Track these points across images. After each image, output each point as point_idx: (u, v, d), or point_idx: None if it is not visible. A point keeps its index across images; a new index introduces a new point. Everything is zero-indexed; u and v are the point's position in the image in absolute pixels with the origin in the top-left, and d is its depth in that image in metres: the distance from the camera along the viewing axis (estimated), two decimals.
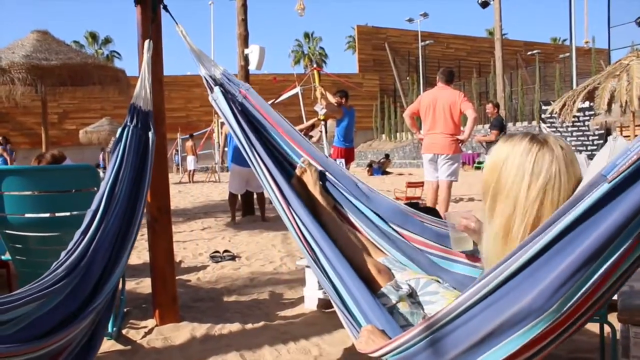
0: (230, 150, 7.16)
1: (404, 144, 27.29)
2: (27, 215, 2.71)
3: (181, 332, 2.77)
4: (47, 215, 2.74)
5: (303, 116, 10.72)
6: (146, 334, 2.78)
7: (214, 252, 4.87)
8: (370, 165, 20.03)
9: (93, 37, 45.32)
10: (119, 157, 2.31)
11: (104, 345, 2.54)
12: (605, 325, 2.08)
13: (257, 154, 2.19)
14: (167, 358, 2.50)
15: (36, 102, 9.57)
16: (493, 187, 1.36)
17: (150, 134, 2.48)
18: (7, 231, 2.65)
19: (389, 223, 2.04)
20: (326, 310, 3.05)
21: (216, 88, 2.39)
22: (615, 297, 1.36)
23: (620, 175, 1.02)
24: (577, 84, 14.50)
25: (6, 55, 6.84)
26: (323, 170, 2.19)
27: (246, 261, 4.66)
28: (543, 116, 18.56)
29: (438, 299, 1.75)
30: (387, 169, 19.96)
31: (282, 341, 2.62)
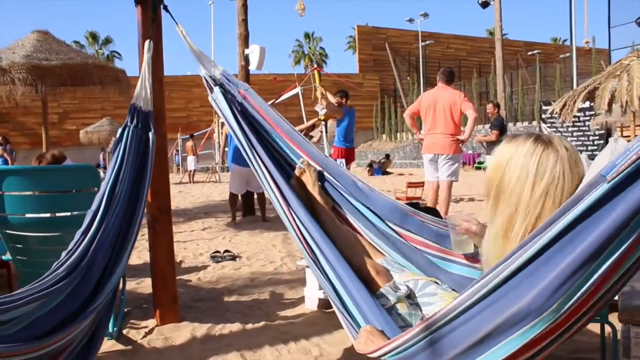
0: (230, 150, 7.16)
1: (405, 144, 27.29)
2: (28, 215, 2.71)
3: (182, 332, 2.77)
4: (48, 215, 2.74)
5: (303, 116, 10.72)
6: (147, 334, 2.78)
7: (215, 252, 4.87)
8: (370, 165, 20.03)
9: (93, 37, 45.35)
10: (120, 158, 2.31)
11: (105, 345, 2.54)
12: (606, 325, 2.08)
13: (257, 154, 2.19)
14: (168, 358, 2.50)
15: (36, 102, 9.58)
16: (496, 187, 1.36)
17: (150, 134, 2.48)
18: (8, 231, 2.65)
19: (388, 223, 2.04)
20: (326, 310, 3.05)
21: (216, 88, 2.39)
22: (616, 297, 1.36)
23: (619, 175, 1.02)
24: (578, 84, 14.50)
25: (6, 55, 6.85)
26: (322, 170, 2.19)
27: (247, 261, 4.66)
28: (543, 116, 18.57)
29: (436, 300, 1.75)
30: (388, 169, 19.95)
31: (283, 341, 2.62)
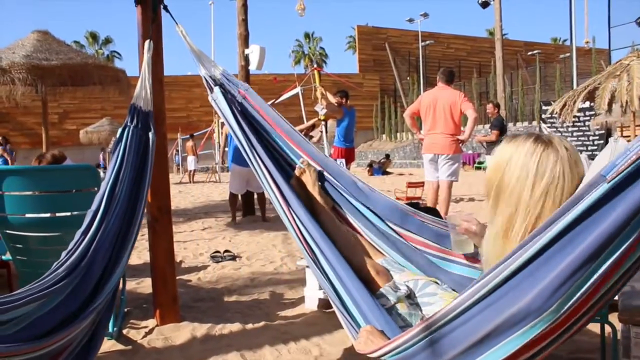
0: (230, 150, 7.16)
1: (405, 144, 27.30)
2: (28, 215, 2.71)
3: (182, 332, 2.77)
4: (48, 215, 2.74)
5: (303, 116, 10.72)
6: (147, 334, 2.78)
7: (215, 252, 4.87)
8: (370, 165, 20.03)
9: (93, 37, 45.35)
10: (120, 158, 2.31)
11: (105, 345, 2.54)
12: (606, 325, 2.08)
13: (257, 154, 2.19)
14: (168, 358, 2.50)
15: (36, 102, 9.58)
16: (496, 186, 1.36)
17: (150, 134, 2.48)
18: (8, 231, 2.65)
19: (388, 223, 2.03)
20: (327, 310, 3.05)
21: (216, 88, 2.39)
22: (616, 297, 1.36)
23: (619, 175, 1.02)
24: (578, 84, 14.50)
25: (7, 55, 6.85)
26: (322, 170, 2.19)
27: (247, 261, 4.66)
28: (543, 116, 18.56)
29: (436, 301, 1.75)
30: (388, 169, 19.95)
31: (283, 341, 2.62)
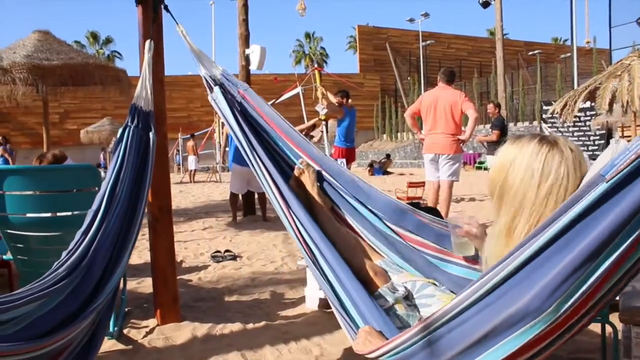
0: (231, 150, 7.16)
1: (405, 144, 27.29)
2: (29, 215, 2.72)
3: (182, 332, 2.77)
4: (49, 215, 2.75)
5: (304, 116, 10.73)
6: (147, 334, 2.78)
7: (215, 252, 4.87)
8: (371, 165, 20.02)
9: (94, 37, 45.41)
10: (120, 157, 2.31)
11: (105, 344, 2.54)
12: (606, 325, 2.08)
13: (256, 154, 2.19)
14: (168, 358, 2.50)
15: (37, 102, 9.59)
16: (500, 187, 1.36)
17: (151, 134, 2.48)
18: (9, 231, 2.66)
19: (387, 222, 2.03)
20: (327, 310, 3.04)
21: (216, 88, 2.39)
22: (617, 297, 1.36)
23: (618, 174, 1.02)
24: (578, 84, 14.51)
25: (7, 55, 6.85)
26: (321, 170, 2.18)
27: (247, 261, 4.66)
28: (544, 116, 18.56)
29: (434, 302, 1.74)
30: (388, 169, 19.95)
31: (284, 341, 2.62)
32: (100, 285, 1.98)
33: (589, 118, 15.71)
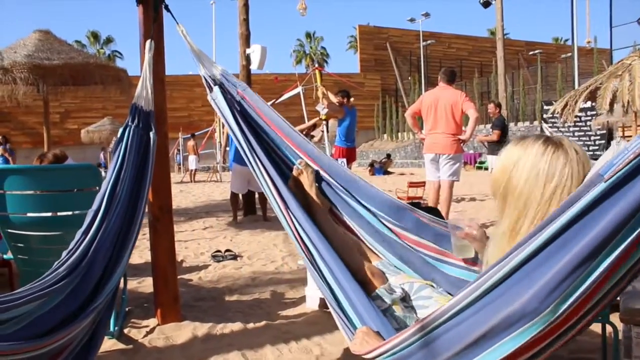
0: (232, 149, 7.16)
1: (406, 144, 27.29)
2: (29, 214, 2.72)
3: (183, 332, 2.77)
4: (49, 214, 2.75)
5: (305, 116, 10.73)
6: (148, 333, 2.78)
7: (216, 252, 4.87)
8: (371, 165, 20.02)
9: (95, 37, 45.43)
10: (121, 157, 2.31)
11: (106, 344, 2.54)
12: (607, 325, 2.08)
13: (255, 154, 2.18)
14: (169, 357, 2.50)
15: (38, 102, 9.60)
16: (504, 187, 1.35)
17: (151, 134, 2.48)
18: (10, 230, 2.66)
19: (385, 222, 2.03)
20: (327, 309, 3.03)
21: (215, 88, 2.38)
22: (617, 297, 1.35)
23: (617, 174, 1.01)
24: (579, 84, 14.50)
25: (8, 54, 6.86)
26: (320, 170, 2.18)
27: (248, 260, 4.66)
28: (545, 116, 18.56)
29: (431, 304, 1.74)
30: (389, 169, 19.94)
31: (284, 340, 2.62)
32: (100, 284, 1.98)
33: (590, 118, 15.71)
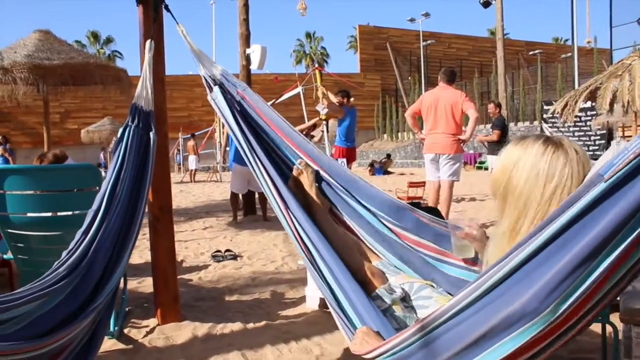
0: (232, 149, 7.16)
1: (406, 144, 27.29)
2: (29, 214, 2.72)
3: (183, 332, 2.77)
4: (49, 214, 2.75)
5: (305, 116, 10.73)
6: (148, 333, 2.78)
7: (216, 252, 4.87)
8: (371, 165, 20.02)
9: (95, 37, 45.43)
10: (121, 157, 2.31)
11: (106, 344, 2.54)
12: (607, 325, 2.08)
13: (255, 154, 2.18)
14: (169, 357, 2.50)
15: (38, 102, 9.60)
16: (504, 187, 1.35)
17: (151, 134, 2.48)
18: (10, 230, 2.66)
19: (385, 222, 2.03)
20: (327, 309, 3.03)
21: (215, 88, 2.38)
22: (617, 298, 1.35)
23: (617, 174, 1.01)
24: (579, 84, 14.50)
25: (8, 54, 6.86)
26: (320, 170, 2.18)
27: (248, 260, 4.66)
28: (545, 116, 18.56)
29: (431, 304, 1.74)
30: (389, 169, 19.94)
31: (284, 340, 2.62)
32: (100, 284, 1.98)
33: (590, 118, 15.71)
